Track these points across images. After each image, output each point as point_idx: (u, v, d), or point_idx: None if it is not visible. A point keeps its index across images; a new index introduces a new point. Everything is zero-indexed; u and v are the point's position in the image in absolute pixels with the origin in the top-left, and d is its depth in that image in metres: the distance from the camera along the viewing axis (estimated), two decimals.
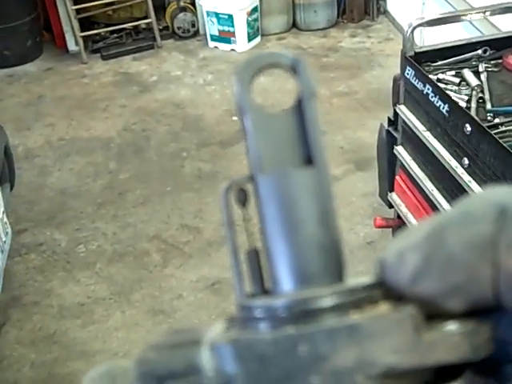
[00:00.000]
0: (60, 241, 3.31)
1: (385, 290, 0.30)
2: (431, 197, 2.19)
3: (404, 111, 2.30)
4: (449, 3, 3.98)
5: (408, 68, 2.22)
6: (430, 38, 3.82)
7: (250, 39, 5.12)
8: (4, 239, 2.47)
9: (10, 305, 2.95)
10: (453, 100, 2.02)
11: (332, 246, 0.33)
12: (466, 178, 1.95)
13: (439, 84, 2.17)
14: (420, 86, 2.16)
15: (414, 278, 0.29)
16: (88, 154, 3.96)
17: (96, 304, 2.93)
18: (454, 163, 2.01)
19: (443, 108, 2.03)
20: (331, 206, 0.33)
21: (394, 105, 2.40)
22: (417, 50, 2.27)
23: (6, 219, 2.55)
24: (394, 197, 2.52)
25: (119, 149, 3.97)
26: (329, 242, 0.32)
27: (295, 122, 0.35)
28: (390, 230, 2.71)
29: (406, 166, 2.35)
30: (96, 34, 5.22)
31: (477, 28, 3.41)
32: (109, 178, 3.72)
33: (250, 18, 5.07)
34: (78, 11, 5.04)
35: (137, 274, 3.04)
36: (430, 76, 2.21)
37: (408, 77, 2.23)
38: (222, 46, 5.15)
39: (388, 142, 2.50)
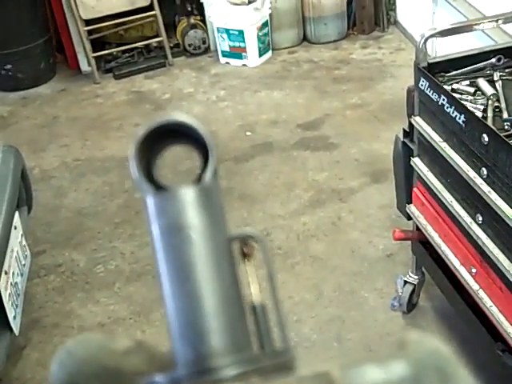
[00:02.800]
0: (78, 261, 3.32)
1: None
2: (450, 208, 2.17)
3: (419, 122, 2.29)
4: (459, 12, 3.97)
5: (422, 79, 2.21)
6: (441, 48, 3.82)
7: (261, 54, 5.14)
8: (23, 262, 2.48)
9: (31, 327, 2.95)
10: (469, 110, 2.01)
11: (235, 317, 0.32)
12: (485, 188, 1.93)
13: (454, 94, 2.16)
14: (435, 96, 2.15)
15: None
16: (103, 173, 3.98)
17: (116, 324, 2.94)
18: (472, 174, 2.00)
19: (459, 118, 2.02)
20: (232, 273, 0.33)
21: (409, 116, 2.39)
22: (430, 61, 2.26)
23: (24, 242, 2.56)
24: (412, 209, 2.50)
25: None
26: (232, 315, 0.32)
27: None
28: (409, 242, 2.69)
29: (424, 178, 2.33)
30: (108, 54, 5.25)
31: (489, 36, 3.40)
32: (125, 197, 3.73)
33: (260, 33, 5.08)
34: (89, 32, 5.09)
35: (156, 293, 3.01)
36: (445, 86, 2.20)
37: (422, 88, 2.22)
38: (234, 62, 5.17)
39: (404, 154, 2.48)
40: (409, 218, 2.57)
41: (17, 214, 2.46)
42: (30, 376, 2.73)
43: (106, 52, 5.23)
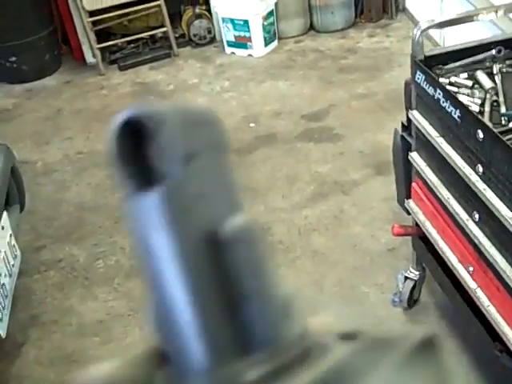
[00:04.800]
0: (78, 256, 3.30)
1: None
2: (447, 204, 2.12)
3: (416, 117, 2.23)
4: (468, 0, 3.88)
5: (418, 72, 2.15)
6: (450, 36, 3.74)
7: (266, 44, 5.08)
8: (12, 263, 2.44)
9: (30, 324, 2.94)
10: (464, 105, 1.95)
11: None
12: (480, 185, 1.87)
13: (452, 87, 2.10)
14: (431, 90, 2.09)
15: None
16: (106, 167, 3.94)
17: (115, 321, 2.91)
18: (468, 170, 1.94)
19: (455, 113, 1.96)
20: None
21: (407, 110, 2.34)
22: (427, 54, 2.19)
23: (14, 242, 2.52)
24: (411, 204, 2.44)
25: None
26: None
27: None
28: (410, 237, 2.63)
29: (421, 173, 2.28)
30: (113, 45, 5.22)
31: (498, 26, 3.32)
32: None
33: (265, 23, 5.02)
34: (94, 23, 5.05)
35: None
36: (442, 79, 2.14)
37: (419, 81, 2.16)
38: (239, 52, 5.11)
39: (403, 148, 2.42)
40: (408, 212, 2.52)
41: (5, 213, 2.42)
42: (28, 374, 2.71)
43: (111, 43, 5.19)
